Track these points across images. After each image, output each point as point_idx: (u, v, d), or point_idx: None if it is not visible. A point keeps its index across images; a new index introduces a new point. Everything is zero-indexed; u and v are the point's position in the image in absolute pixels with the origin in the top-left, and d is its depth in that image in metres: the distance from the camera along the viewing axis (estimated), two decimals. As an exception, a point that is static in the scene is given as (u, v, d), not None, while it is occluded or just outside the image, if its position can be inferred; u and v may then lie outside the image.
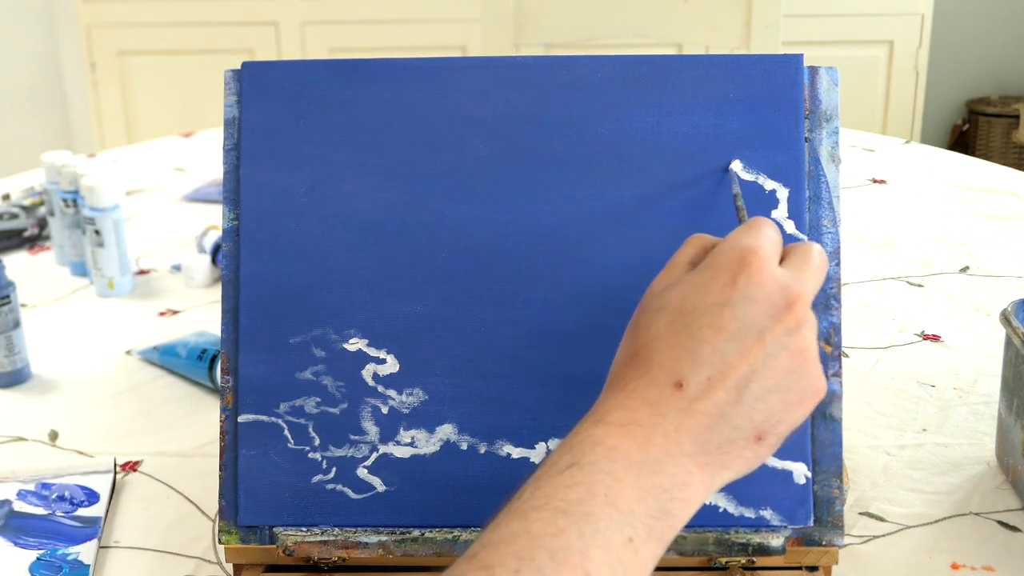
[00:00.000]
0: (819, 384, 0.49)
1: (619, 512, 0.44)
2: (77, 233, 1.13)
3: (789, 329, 0.48)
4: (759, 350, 0.47)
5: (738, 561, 0.58)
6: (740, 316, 0.47)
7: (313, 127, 0.62)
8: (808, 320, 0.49)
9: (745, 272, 0.48)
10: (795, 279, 0.49)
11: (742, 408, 0.47)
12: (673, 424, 0.46)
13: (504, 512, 0.44)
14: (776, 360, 0.47)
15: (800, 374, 0.48)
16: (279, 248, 0.61)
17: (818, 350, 0.49)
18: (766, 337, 0.47)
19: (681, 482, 0.46)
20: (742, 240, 0.49)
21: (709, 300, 0.48)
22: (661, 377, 0.47)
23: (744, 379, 0.47)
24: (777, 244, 0.51)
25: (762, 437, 0.48)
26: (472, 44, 2.74)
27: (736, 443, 0.47)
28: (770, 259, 0.49)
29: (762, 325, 0.47)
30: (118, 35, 2.83)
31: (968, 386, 0.86)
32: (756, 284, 0.48)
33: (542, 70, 0.62)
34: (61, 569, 0.66)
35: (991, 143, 3.11)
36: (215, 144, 1.63)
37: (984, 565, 0.64)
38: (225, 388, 0.61)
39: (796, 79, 0.60)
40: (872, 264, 1.10)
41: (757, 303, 0.47)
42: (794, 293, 0.48)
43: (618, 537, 0.43)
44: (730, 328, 0.47)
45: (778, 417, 0.48)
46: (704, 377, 0.47)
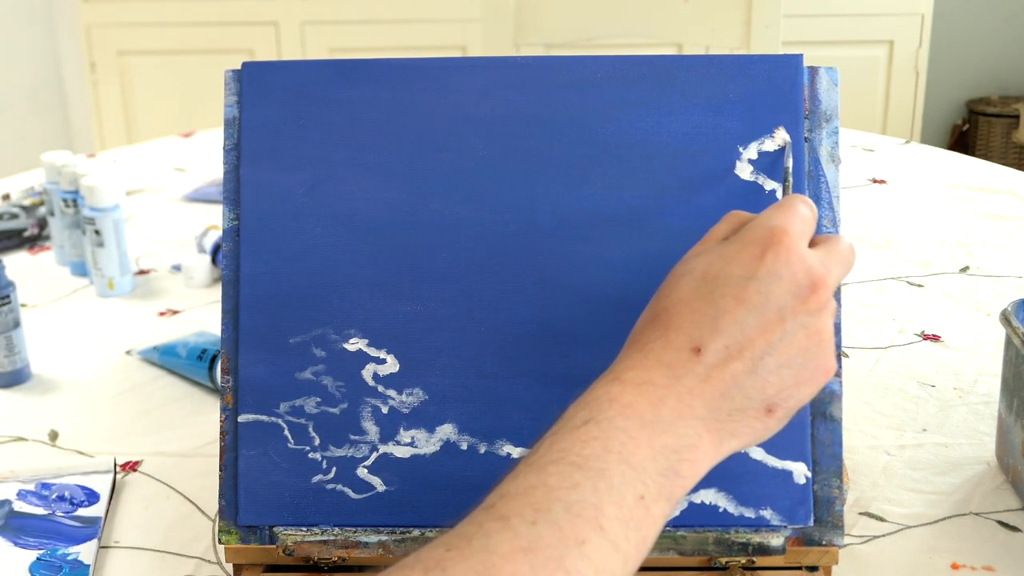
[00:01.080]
0: (831, 364, 0.50)
1: (632, 469, 0.45)
2: (77, 233, 1.13)
3: (810, 311, 0.49)
4: (778, 327, 0.48)
5: (738, 561, 0.58)
6: (764, 291, 0.48)
7: (313, 127, 0.62)
8: (830, 306, 0.50)
9: (773, 249, 0.49)
10: (822, 263, 0.50)
11: (756, 379, 0.48)
12: (687, 387, 0.47)
13: (521, 465, 0.45)
14: (794, 338, 0.48)
15: (814, 353, 0.49)
16: (279, 248, 0.61)
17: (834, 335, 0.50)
18: (787, 315, 0.48)
19: (690, 444, 0.47)
20: (774, 218, 0.50)
21: (735, 271, 0.49)
22: (679, 340, 0.48)
23: (761, 352, 0.48)
24: (810, 225, 0.51)
25: (772, 409, 0.49)
26: (472, 44, 2.74)
27: (746, 412, 0.48)
28: (800, 239, 0.50)
29: (784, 303, 0.48)
30: (118, 35, 2.83)
31: (968, 386, 0.86)
32: (783, 262, 0.49)
33: (542, 70, 0.62)
34: (61, 569, 0.66)
35: (991, 143, 3.11)
36: (215, 144, 1.63)
37: (984, 565, 0.64)
38: (225, 388, 0.61)
39: (796, 79, 0.60)
40: (872, 264, 1.10)
41: (782, 280, 0.48)
42: (819, 276, 0.49)
43: (631, 494, 0.44)
44: (753, 301, 0.48)
45: (788, 392, 0.49)
46: (722, 345, 0.48)
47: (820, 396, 0.58)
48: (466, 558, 0.41)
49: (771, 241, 0.49)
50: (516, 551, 0.41)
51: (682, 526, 0.58)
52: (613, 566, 0.43)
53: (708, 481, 0.58)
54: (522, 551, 0.41)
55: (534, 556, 0.41)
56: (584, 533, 0.42)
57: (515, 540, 0.42)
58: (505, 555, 0.41)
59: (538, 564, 0.41)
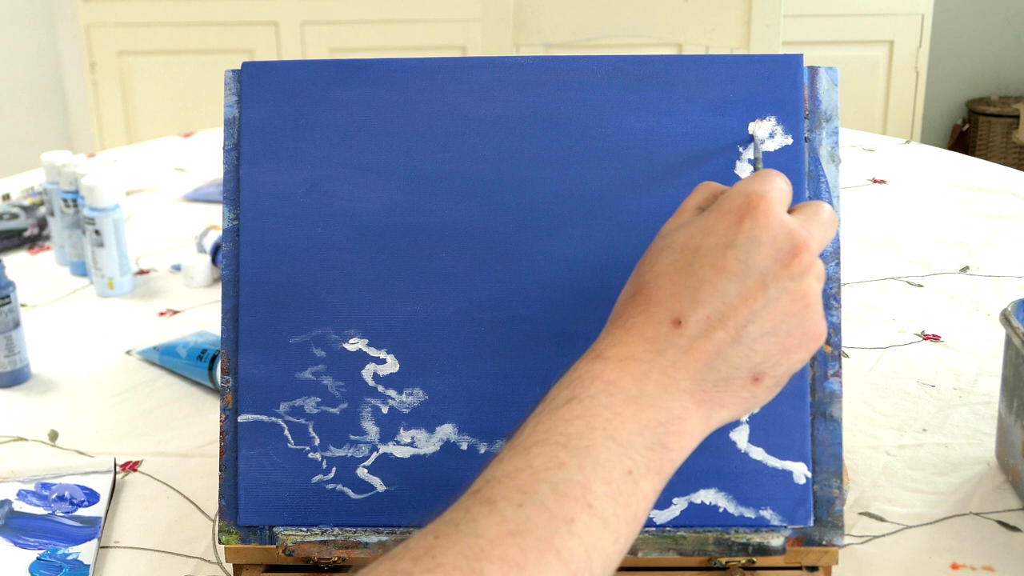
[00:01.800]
0: (819, 330, 0.49)
1: (618, 445, 0.44)
2: (77, 233, 1.13)
3: (793, 275, 0.48)
4: (760, 293, 0.47)
5: (738, 561, 0.58)
6: (743, 258, 0.48)
7: (313, 127, 0.62)
8: (814, 268, 0.49)
9: (751, 215, 0.48)
10: (802, 226, 0.49)
11: (740, 348, 0.47)
12: (670, 360, 0.47)
13: (506, 448, 0.45)
14: (777, 304, 0.48)
15: (800, 319, 0.48)
16: (279, 248, 0.61)
17: (822, 298, 0.49)
18: (768, 281, 0.48)
19: (677, 416, 0.46)
20: (751, 185, 0.50)
21: (713, 241, 0.48)
22: (660, 314, 0.48)
23: (743, 320, 0.47)
24: (787, 194, 0.51)
25: (759, 378, 0.48)
26: (472, 44, 2.74)
27: (733, 382, 0.48)
28: (778, 204, 0.49)
29: (765, 268, 0.48)
30: (118, 35, 2.83)
31: (968, 386, 0.86)
32: (762, 227, 0.48)
33: (542, 70, 0.62)
34: (61, 569, 0.66)
35: (991, 143, 3.11)
36: (215, 144, 1.63)
37: (984, 565, 0.64)
38: (225, 388, 0.61)
39: (796, 79, 0.60)
40: (872, 264, 1.10)
41: (762, 246, 0.48)
42: (801, 239, 0.48)
43: (618, 469, 0.44)
44: (732, 269, 0.47)
45: (775, 359, 0.48)
46: (703, 316, 0.47)
47: (820, 396, 0.58)
48: (454, 544, 0.41)
49: (749, 207, 0.48)
50: (504, 534, 0.41)
51: (682, 526, 0.58)
52: (604, 543, 0.43)
53: (708, 481, 0.58)
54: (510, 534, 0.41)
55: (522, 538, 0.41)
56: (572, 512, 0.42)
57: (503, 524, 0.41)
58: (493, 539, 0.41)
59: (527, 546, 0.41)
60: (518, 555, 0.40)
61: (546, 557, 0.41)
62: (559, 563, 0.41)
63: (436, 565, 0.40)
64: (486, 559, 0.40)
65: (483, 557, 0.40)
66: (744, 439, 0.58)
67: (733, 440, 0.58)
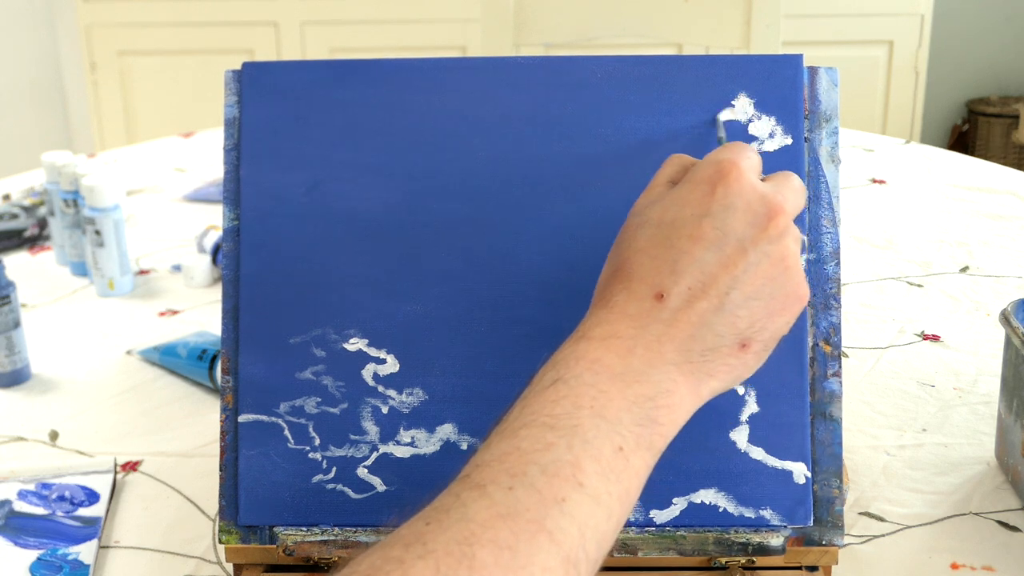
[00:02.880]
0: (802, 291, 0.49)
1: (606, 422, 0.44)
2: (77, 233, 1.13)
3: (771, 238, 0.48)
4: (740, 259, 0.47)
5: (738, 561, 0.58)
6: (719, 225, 0.48)
7: (313, 127, 0.62)
8: (790, 231, 0.49)
9: (724, 182, 0.48)
10: (776, 191, 0.49)
11: (724, 316, 0.47)
12: (655, 334, 0.47)
13: (494, 433, 0.45)
14: (758, 268, 0.48)
15: (781, 281, 0.48)
16: (279, 248, 0.61)
17: (801, 260, 0.49)
18: (747, 246, 0.48)
19: (665, 390, 0.46)
20: (721, 155, 0.50)
21: (688, 212, 0.48)
22: (641, 290, 0.48)
23: (725, 288, 0.47)
24: (757, 163, 0.51)
25: (746, 344, 0.48)
26: (472, 44, 2.74)
27: (719, 351, 0.48)
28: (749, 171, 0.49)
29: (742, 234, 0.48)
30: (118, 35, 2.83)
31: (968, 386, 0.86)
32: (735, 193, 0.48)
33: (542, 70, 0.62)
34: (61, 569, 0.66)
35: (991, 143, 3.11)
36: (215, 144, 1.63)
37: (984, 565, 0.64)
38: (225, 388, 0.61)
39: (796, 79, 0.60)
40: (872, 264, 1.10)
41: (737, 212, 0.48)
42: (775, 203, 0.48)
43: (608, 446, 0.44)
44: (710, 238, 0.47)
45: (761, 324, 0.48)
46: (684, 287, 0.47)
47: (820, 396, 0.58)
48: (445, 530, 0.41)
49: (721, 175, 0.49)
50: (494, 518, 0.41)
51: (682, 526, 0.58)
52: (597, 520, 0.43)
53: (708, 481, 0.58)
54: (500, 517, 0.41)
55: (513, 521, 0.41)
56: (563, 492, 0.42)
57: (493, 507, 0.41)
58: (484, 523, 0.41)
59: (518, 528, 0.41)
60: (509, 537, 0.40)
61: (538, 538, 0.41)
62: (551, 543, 0.41)
63: (428, 551, 0.40)
64: (477, 543, 0.40)
65: (474, 541, 0.40)
66: (744, 439, 0.58)
67: (733, 440, 0.58)
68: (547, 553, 0.41)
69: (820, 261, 0.59)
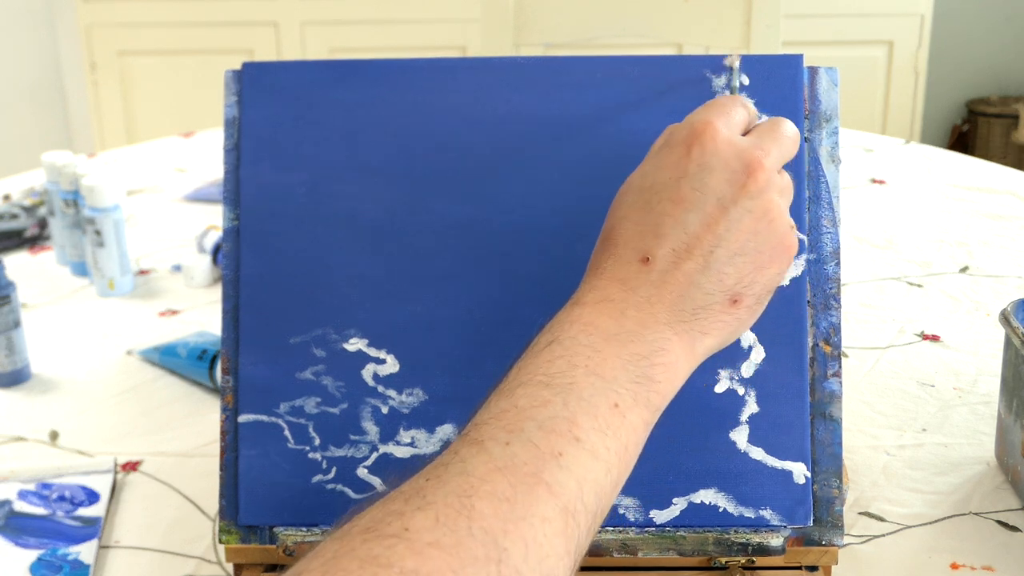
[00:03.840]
0: (789, 241, 0.50)
1: (602, 380, 0.45)
2: (77, 233, 1.13)
3: (751, 193, 0.48)
4: (721, 217, 0.48)
5: (738, 561, 0.59)
6: (698, 186, 0.48)
7: (313, 127, 0.62)
8: (772, 183, 0.49)
9: (699, 142, 0.49)
10: (755, 145, 0.49)
11: (711, 274, 0.48)
12: (644, 296, 0.48)
13: (492, 394, 0.46)
14: (740, 224, 0.48)
15: (767, 235, 0.49)
16: (279, 248, 0.61)
17: (786, 212, 0.50)
18: (727, 204, 0.48)
19: (659, 348, 0.47)
20: (696, 115, 0.51)
21: (666, 175, 0.49)
22: (627, 254, 0.49)
23: (709, 247, 0.48)
24: (741, 117, 0.52)
25: (737, 300, 0.49)
26: (472, 44, 2.74)
27: (711, 308, 0.49)
28: (726, 128, 0.50)
29: (721, 192, 0.48)
30: (118, 35, 2.83)
31: (968, 386, 0.86)
32: (711, 152, 0.49)
33: (542, 70, 0.62)
34: (61, 569, 0.66)
35: (991, 143, 3.11)
36: (215, 144, 1.63)
37: (984, 565, 0.64)
38: (225, 388, 0.61)
39: (796, 79, 0.60)
40: (872, 264, 1.10)
41: (714, 171, 0.48)
42: (753, 158, 0.49)
43: (603, 403, 0.45)
44: (689, 199, 0.48)
45: (750, 278, 0.49)
46: (669, 249, 0.48)
47: (820, 396, 0.58)
48: (444, 483, 0.41)
49: (695, 136, 0.49)
50: (492, 471, 0.41)
51: (682, 526, 0.58)
52: (595, 475, 0.43)
53: (708, 481, 0.58)
54: (499, 470, 0.41)
55: (511, 474, 0.41)
56: (560, 446, 0.43)
57: (491, 461, 0.42)
58: (482, 475, 0.41)
59: (516, 480, 0.41)
60: (507, 489, 0.41)
61: (536, 490, 0.41)
62: (550, 494, 0.41)
63: (427, 503, 0.40)
64: (476, 495, 0.40)
65: (473, 493, 0.41)
66: (744, 439, 0.58)
67: (733, 440, 0.58)
68: (545, 504, 0.41)
69: (820, 261, 0.59)
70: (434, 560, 0.38)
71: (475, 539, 0.39)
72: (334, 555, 0.39)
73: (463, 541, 0.39)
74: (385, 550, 0.38)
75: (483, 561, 0.39)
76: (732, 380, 0.58)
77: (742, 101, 0.53)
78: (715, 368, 0.58)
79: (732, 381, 0.58)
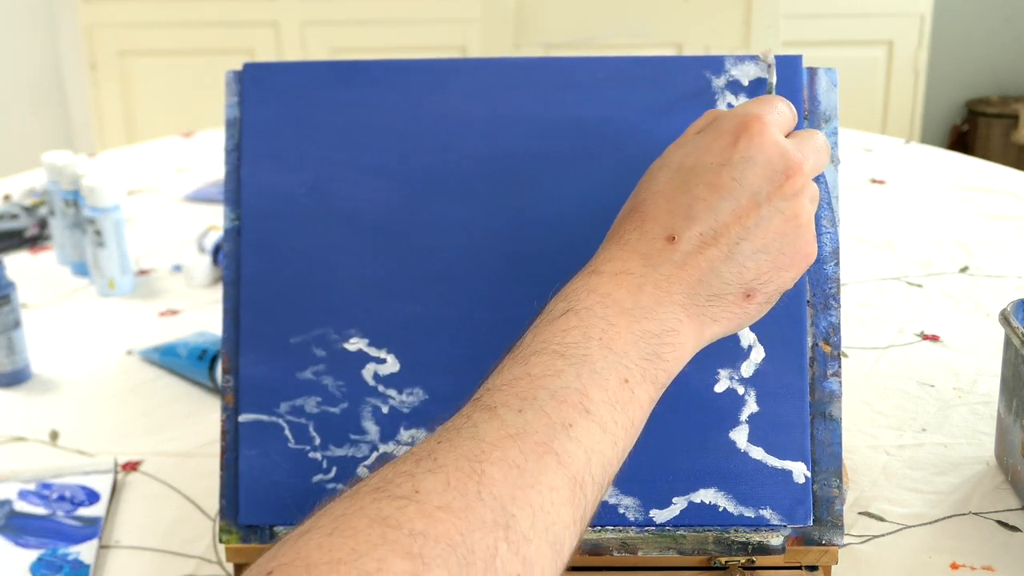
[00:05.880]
0: (810, 249, 0.50)
1: (614, 354, 0.46)
2: (78, 233, 1.13)
3: (786, 195, 0.49)
4: (753, 211, 0.48)
5: (738, 560, 0.59)
6: (737, 176, 0.49)
7: (314, 128, 0.62)
8: (807, 190, 0.50)
9: (747, 134, 0.49)
10: (797, 149, 0.50)
11: (732, 264, 0.48)
12: (664, 274, 0.48)
13: (507, 359, 0.46)
14: (770, 223, 0.49)
15: (792, 238, 0.49)
16: (280, 248, 0.61)
17: (814, 220, 0.51)
18: (761, 200, 0.49)
19: (671, 328, 0.47)
20: (749, 108, 0.51)
21: (709, 159, 0.49)
22: (654, 230, 0.49)
23: (736, 237, 0.48)
24: (786, 118, 0.52)
25: (751, 295, 0.49)
26: (472, 44, 2.74)
27: (725, 297, 0.49)
28: (774, 126, 0.50)
29: (758, 187, 0.49)
30: (119, 35, 2.83)
31: (968, 386, 0.86)
32: (756, 147, 0.49)
33: (542, 70, 0.62)
34: (61, 569, 0.67)
35: (991, 143, 3.11)
36: (216, 144, 1.63)
37: (984, 565, 0.64)
38: (226, 388, 0.61)
39: (795, 80, 0.60)
40: (872, 264, 1.10)
41: (756, 165, 0.49)
42: (795, 161, 0.49)
43: (614, 378, 0.45)
44: (727, 187, 0.49)
45: (767, 276, 0.49)
46: (696, 232, 0.48)
47: (820, 396, 0.58)
48: (456, 447, 0.42)
49: (744, 127, 0.49)
50: (504, 438, 0.42)
51: (682, 525, 0.58)
52: (603, 447, 0.44)
53: (708, 480, 0.58)
54: (510, 437, 0.42)
55: (522, 441, 0.42)
56: (571, 417, 0.43)
57: (502, 428, 0.42)
58: (494, 442, 0.42)
59: (527, 448, 0.42)
60: (518, 456, 0.41)
61: (545, 459, 0.42)
62: (558, 464, 0.42)
63: (438, 466, 0.41)
64: (487, 460, 0.41)
65: (484, 459, 0.41)
66: (744, 439, 0.58)
67: (733, 440, 0.58)
68: (554, 473, 0.42)
69: (820, 261, 0.59)
70: (443, 523, 0.38)
71: (484, 504, 0.40)
72: (343, 512, 0.39)
73: (472, 505, 0.39)
74: (395, 511, 0.39)
75: (491, 526, 0.39)
76: (732, 380, 0.58)
77: (788, 103, 0.53)
78: (715, 368, 0.58)
79: (732, 381, 0.58)
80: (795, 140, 0.51)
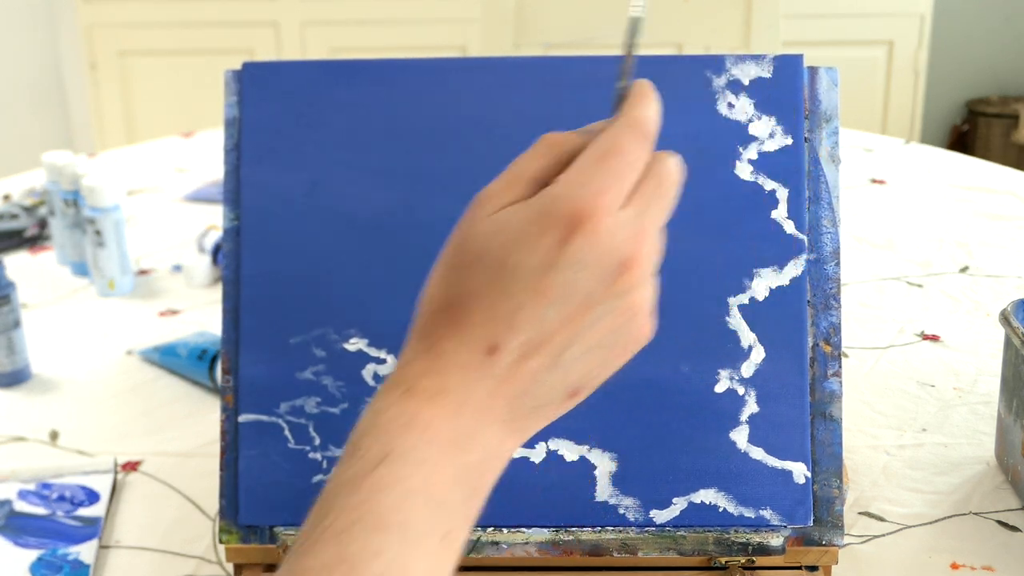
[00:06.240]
0: (643, 334, 0.45)
1: (435, 503, 0.42)
2: (78, 233, 1.13)
3: (619, 293, 0.44)
4: (583, 316, 0.44)
5: (738, 561, 0.59)
6: (565, 282, 0.43)
7: (313, 127, 0.62)
8: (643, 280, 0.45)
9: (580, 232, 0.43)
10: (635, 233, 0.44)
11: (557, 372, 0.44)
12: (486, 390, 0.44)
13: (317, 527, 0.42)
14: (601, 323, 0.44)
15: (625, 331, 0.45)
16: (279, 248, 0.61)
17: (650, 299, 0.45)
18: (593, 303, 0.43)
19: (492, 454, 0.44)
20: (585, 187, 0.44)
21: (533, 260, 0.43)
22: (474, 340, 0.44)
23: (562, 346, 0.44)
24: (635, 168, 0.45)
25: (576, 393, 0.45)
26: (472, 44, 2.74)
27: (549, 406, 0.45)
28: (612, 211, 0.44)
29: (589, 290, 0.43)
30: (119, 35, 2.83)
31: (968, 386, 0.86)
32: (588, 247, 0.43)
33: (542, 70, 0.62)
34: (61, 569, 0.66)
35: (991, 143, 3.11)
36: (215, 144, 1.63)
37: (984, 565, 0.64)
38: (226, 388, 0.61)
39: (796, 79, 0.60)
40: (872, 264, 1.10)
41: (587, 268, 0.43)
42: (629, 256, 0.43)
43: (436, 536, 0.42)
44: (552, 294, 0.43)
45: (595, 373, 0.45)
46: (518, 343, 0.43)
47: (820, 396, 0.58)
48: None
49: (575, 224, 0.43)
50: None
51: (682, 526, 0.58)
52: None
53: (708, 481, 0.58)
54: None
55: None
56: None
57: None
58: None
59: None
60: None
61: None
62: None
63: None
64: None
65: None
66: (744, 439, 0.58)
67: (733, 440, 0.58)
68: None
69: (820, 261, 0.59)
70: None
71: None
72: None
73: None
74: None
75: None
76: (732, 380, 0.58)
77: (643, 128, 0.46)
78: (715, 368, 0.58)
79: (732, 381, 0.58)
80: (637, 205, 0.45)
